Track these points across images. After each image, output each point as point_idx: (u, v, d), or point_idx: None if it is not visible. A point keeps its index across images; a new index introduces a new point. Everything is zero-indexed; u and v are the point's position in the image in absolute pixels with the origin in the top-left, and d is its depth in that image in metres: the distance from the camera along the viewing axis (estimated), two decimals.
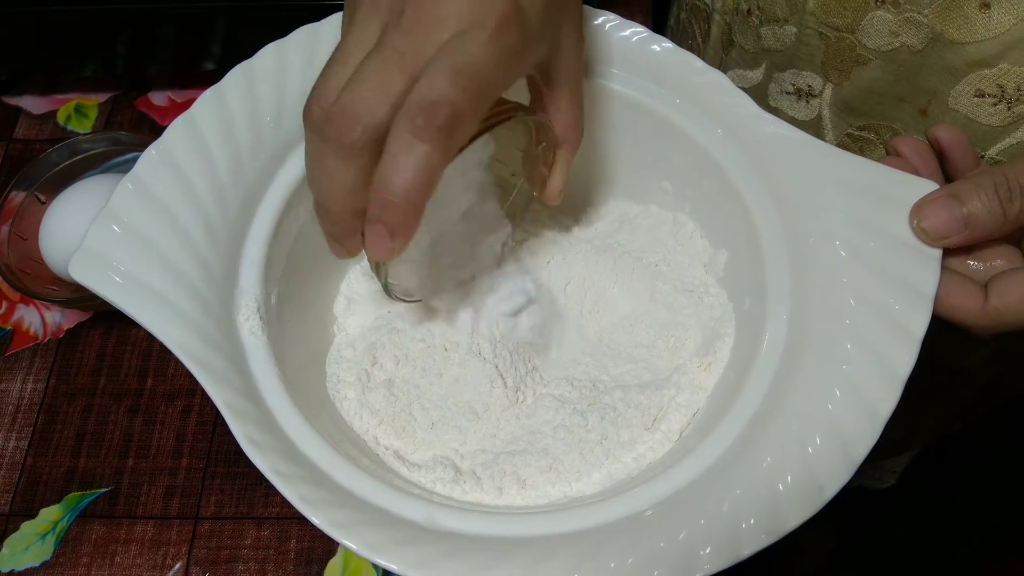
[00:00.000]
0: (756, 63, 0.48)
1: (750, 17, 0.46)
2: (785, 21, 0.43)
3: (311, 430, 0.31)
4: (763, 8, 0.45)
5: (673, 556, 0.27)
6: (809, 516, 0.27)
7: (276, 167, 0.36)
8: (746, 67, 0.49)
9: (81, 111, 0.57)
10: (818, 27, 0.42)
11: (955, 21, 0.37)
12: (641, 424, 0.35)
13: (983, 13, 0.36)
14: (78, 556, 0.41)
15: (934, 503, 0.99)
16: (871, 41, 0.40)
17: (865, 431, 0.28)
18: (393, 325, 0.38)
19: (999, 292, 0.30)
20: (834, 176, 0.33)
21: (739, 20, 0.48)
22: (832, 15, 0.40)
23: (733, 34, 0.49)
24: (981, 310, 0.30)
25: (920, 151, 0.35)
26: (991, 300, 0.30)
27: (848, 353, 0.30)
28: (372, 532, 0.28)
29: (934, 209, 0.31)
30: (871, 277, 0.31)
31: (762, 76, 0.48)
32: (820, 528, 0.91)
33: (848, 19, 0.40)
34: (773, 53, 0.46)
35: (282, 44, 0.36)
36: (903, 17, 0.38)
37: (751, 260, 0.35)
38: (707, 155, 0.36)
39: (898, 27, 0.38)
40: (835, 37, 0.41)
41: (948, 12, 0.36)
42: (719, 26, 0.50)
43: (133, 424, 0.45)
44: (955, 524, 0.99)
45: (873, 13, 0.39)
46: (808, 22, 0.42)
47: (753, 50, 0.47)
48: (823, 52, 0.43)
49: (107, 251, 0.32)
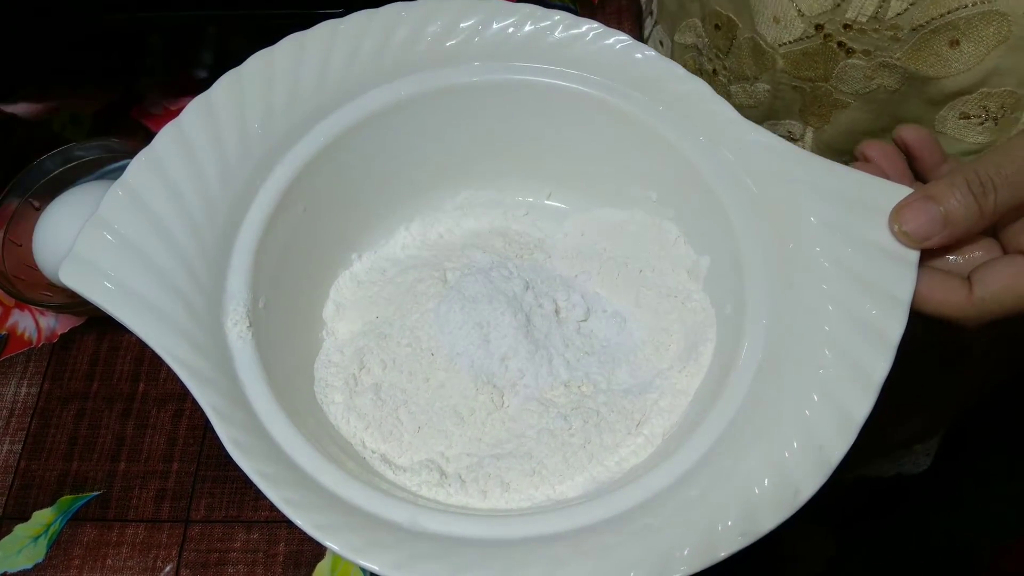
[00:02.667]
0: None
1: (716, 77, 0.46)
2: (756, 79, 0.43)
3: (297, 434, 0.31)
4: (730, 68, 0.44)
5: (650, 558, 0.27)
6: (784, 519, 0.27)
7: (264, 173, 0.36)
8: None
9: (76, 119, 0.57)
10: (791, 82, 0.41)
11: (927, 59, 0.37)
12: (624, 428, 0.35)
13: (954, 49, 0.36)
14: (70, 558, 0.42)
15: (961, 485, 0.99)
16: (847, 87, 0.40)
17: (841, 435, 0.29)
18: (381, 330, 0.39)
19: (982, 282, 0.31)
20: (813, 182, 0.34)
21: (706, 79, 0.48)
22: (803, 70, 0.40)
23: None
24: (967, 302, 0.31)
25: (888, 153, 0.36)
26: (976, 291, 0.30)
27: (826, 358, 0.30)
28: (355, 534, 0.28)
29: (912, 212, 0.31)
30: (849, 283, 0.32)
31: None
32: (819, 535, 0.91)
33: (820, 71, 0.40)
34: (746, 109, 0.45)
35: (270, 52, 0.37)
36: (876, 63, 0.38)
37: (732, 266, 0.35)
38: (689, 162, 0.37)
39: (872, 71, 0.38)
40: (810, 88, 0.41)
41: (918, 53, 0.36)
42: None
43: (125, 428, 0.46)
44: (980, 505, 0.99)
45: (845, 62, 0.39)
46: (781, 79, 0.42)
47: None
48: (800, 102, 0.42)
49: (96, 257, 0.32)
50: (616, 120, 0.38)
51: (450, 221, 0.44)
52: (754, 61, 0.42)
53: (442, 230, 0.43)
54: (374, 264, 0.42)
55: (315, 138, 0.37)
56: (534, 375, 0.37)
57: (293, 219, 0.37)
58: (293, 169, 0.37)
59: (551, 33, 0.39)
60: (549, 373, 0.37)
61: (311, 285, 0.40)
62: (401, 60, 0.39)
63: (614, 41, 0.38)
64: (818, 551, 0.97)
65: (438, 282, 0.39)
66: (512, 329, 0.37)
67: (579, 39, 0.38)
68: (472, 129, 0.41)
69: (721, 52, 0.44)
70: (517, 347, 0.37)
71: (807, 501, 0.28)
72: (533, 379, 0.37)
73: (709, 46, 0.45)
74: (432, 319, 0.38)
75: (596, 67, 0.38)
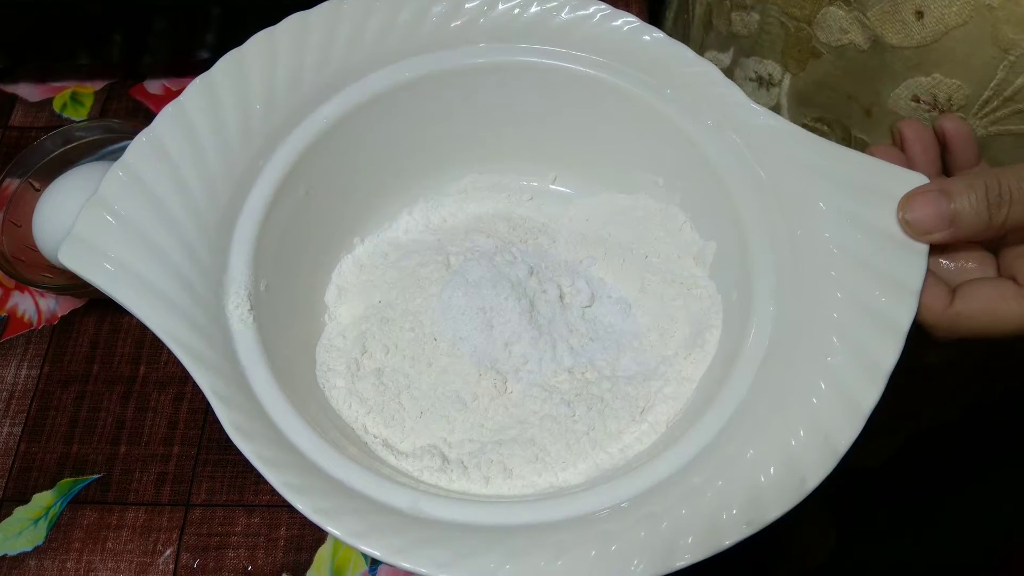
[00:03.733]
0: (726, 47, 0.49)
1: (724, 2, 0.47)
2: (751, 8, 0.45)
3: (298, 418, 0.31)
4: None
5: (654, 545, 0.27)
6: (790, 507, 0.27)
7: (266, 155, 0.36)
8: (719, 50, 0.50)
9: (77, 99, 0.57)
10: (779, 16, 0.42)
11: (894, 26, 0.37)
12: (628, 415, 0.35)
13: (918, 20, 0.36)
14: (70, 541, 0.42)
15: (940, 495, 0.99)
16: (824, 35, 0.41)
17: (848, 424, 0.28)
18: (384, 315, 0.38)
19: (964, 297, 0.30)
20: (823, 168, 0.33)
21: (716, 3, 0.49)
22: (792, 5, 0.41)
23: (712, 16, 0.50)
24: (943, 312, 0.30)
25: (923, 137, 0.35)
26: (955, 304, 0.30)
27: (833, 346, 0.30)
28: (356, 519, 0.28)
29: (921, 203, 0.31)
30: (858, 270, 0.31)
31: (730, 61, 0.49)
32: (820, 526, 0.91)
33: (806, 11, 0.41)
34: (740, 39, 0.47)
35: (272, 32, 0.36)
36: (852, 15, 0.38)
37: (739, 252, 0.35)
38: (696, 146, 0.36)
39: (847, 24, 0.39)
40: (794, 27, 0.42)
41: (887, 16, 0.37)
42: (703, 7, 0.51)
43: (125, 411, 0.45)
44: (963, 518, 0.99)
45: (827, 8, 0.39)
46: (771, 11, 0.43)
47: (725, 34, 0.48)
48: (783, 41, 0.43)
49: (96, 238, 0.32)
50: (623, 103, 0.38)
51: (453, 205, 0.43)
52: None
53: (445, 214, 0.43)
54: (376, 248, 0.42)
55: (318, 120, 0.37)
56: (537, 361, 0.37)
57: (295, 202, 0.37)
58: (295, 151, 0.36)
59: (557, 14, 0.38)
60: (553, 359, 0.37)
61: (313, 268, 0.40)
62: (405, 41, 0.38)
63: (622, 23, 0.37)
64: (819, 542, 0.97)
65: (441, 267, 0.39)
66: (515, 314, 0.37)
67: (586, 20, 0.38)
68: (476, 112, 0.40)
69: None
70: (520, 332, 0.36)
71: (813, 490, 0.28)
72: (537, 365, 0.37)
73: None
74: (435, 304, 0.38)
75: (603, 49, 0.37)
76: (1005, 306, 0.30)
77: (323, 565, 0.41)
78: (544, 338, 0.37)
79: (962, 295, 0.30)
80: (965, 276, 0.32)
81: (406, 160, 0.41)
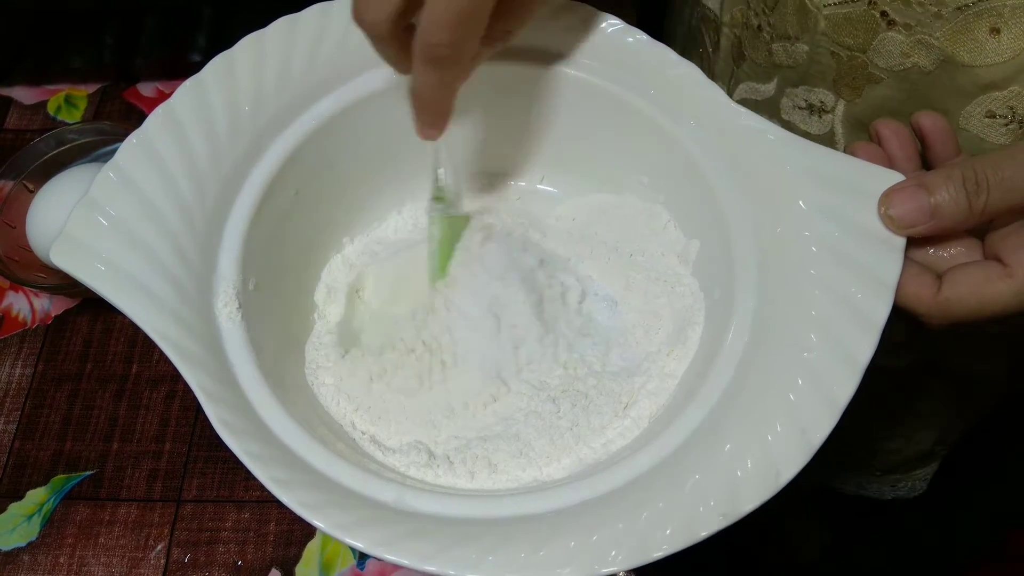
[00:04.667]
0: (768, 77, 0.48)
1: (760, 33, 0.46)
2: (797, 39, 0.43)
3: (285, 414, 0.31)
4: (774, 25, 0.44)
5: (633, 536, 0.27)
6: (765, 500, 0.28)
7: (255, 155, 0.36)
8: (758, 80, 0.49)
9: (71, 102, 0.57)
10: (830, 46, 0.41)
11: (965, 44, 0.36)
12: (612, 411, 0.35)
13: (993, 38, 0.35)
14: (63, 537, 0.42)
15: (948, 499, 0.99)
16: (882, 61, 0.39)
17: (824, 418, 0.29)
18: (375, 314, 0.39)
19: (951, 283, 0.30)
20: (803, 167, 0.34)
21: (749, 35, 0.47)
22: (843, 35, 0.40)
23: (744, 48, 0.48)
24: (933, 300, 0.30)
25: (901, 135, 0.35)
26: (943, 290, 0.30)
27: (811, 342, 0.30)
28: (341, 512, 0.28)
29: (902, 198, 0.31)
30: (836, 267, 0.32)
31: (774, 90, 0.48)
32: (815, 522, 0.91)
33: (860, 39, 0.40)
34: (784, 69, 0.45)
35: (261, 35, 0.37)
36: (914, 39, 0.37)
37: (721, 250, 0.35)
38: (680, 146, 0.37)
39: (909, 48, 0.38)
40: (847, 56, 0.41)
41: (958, 35, 0.36)
42: (728, 39, 0.50)
43: (118, 409, 0.46)
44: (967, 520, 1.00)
45: (884, 34, 0.38)
46: (820, 41, 0.41)
47: (765, 64, 0.47)
48: (835, 70, 0.42)
49: (87, 238, 0.33)
50: (608, 104, 0.38)
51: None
52: (797, 20, 0.42)
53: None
54: (366, 247, 0.42)
55: (307, 121, 0.37)
56: (539, 361, 0.37)
57: (284, 202, 0.37)
58: (284, 152, 0.37)
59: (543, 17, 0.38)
60: (553, 357, 0.37)
61: (303, 268, 0.40)
62: None
63: (606, 25, 0.38)
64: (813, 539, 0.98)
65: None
66: (527, 309, 0.37)
67: (571, 23, 0.38)
68: (464, 114, 0.41)
69: (768, 7, 0.44)
70: (528, 330, 0.37)
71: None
72: (539, 365, 0.37)
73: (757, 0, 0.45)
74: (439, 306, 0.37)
75: (587, 51, 0.38)
76: (992, 287, 0.30)
77: (312, 559, 0.41)
78: (549, 336, 0.37)
79: (949, 280, 0.31)
80: (953, 262, 0.32)
81: (395, 160, 0.42)
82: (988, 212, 0.30)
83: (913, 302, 0.31)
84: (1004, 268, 0.30)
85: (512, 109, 0.41)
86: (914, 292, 0.31)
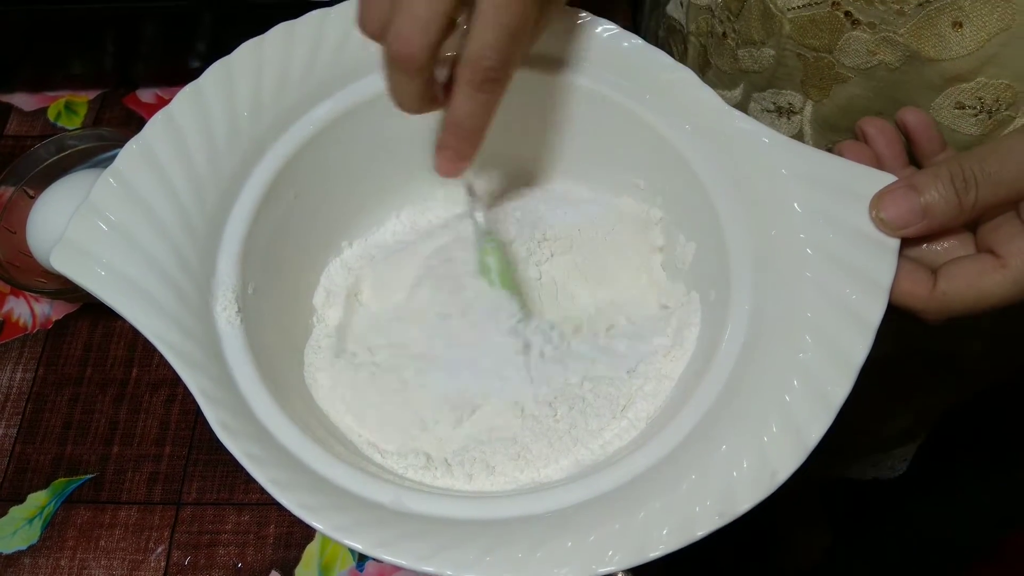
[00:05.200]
0: (734, 83, 0.48)
1: (726, 40, 0.46)
2: (762, 44, 0.43)
3: (284, 416, 0.32)
4: (739, 32, 0.45)
5: (629, 536, 0.28)
6: (761, 499, 0.28)
7: (254, 161, 0.37)
8: (724, 87, 0.49)
9: (71, 108, 0.58)
10: (796, 49, 0.42)
11: (930, 40, 0.37)
12: (609, 413, 0.36)
13: (956, 31, 0.36)
14: (64, 540, 0.42)
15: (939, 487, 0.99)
16: (849, 60, 0.40)
17: (819, 418, 0.29)
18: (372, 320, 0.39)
19: (947, 277, 0.31)
20: (797, 170, 0.34)
21: (714, 42, 0.48)
22: (809, 37, 0.41)
23: (710, 55, 0.49)
24: (929, 295, 0.31)
25: (886, 133, 0.36)
26: (939, 285, 0.31)
27: (806, 343, 0.31)
28: (340, 514, 0.29)
29: (893, 200, 0.31)
30: (831, 269, 0.32)
31: (741, 96, 0.48)
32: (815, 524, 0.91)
33: (825, 40, 0.40)
34: (751, 74, 0.46)
35: (260, 41, 0.37)
36: (879, 37, 0.38)
37: (717, 252, 0.35)
38: (675, 150, 0.37)
39: (875, 46, 0.38)
40: (813, 57, 0.41)
41: (922, 31, 0.37)
42: (695, 47, 0.50)
43: (118, 413, 0.46)
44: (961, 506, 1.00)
45: (849, 34, 0.39)
46: (786, 44, 0.42)
47: (730, 71, 0.47)
48: (802, 72, 0.43)
49: (87, 243, 0.33)
50: (603, 108, 0.39)
51: (440, 209, 0.44)
52: (762, 25, 0.42)
53: (432, 217, 0.44)
54: (364, 251, 0.43)
55: (305, 125, 0.38)
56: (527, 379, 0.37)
57: (283, 206, 0.38)
58: (283, 156, 0.37)
59: None
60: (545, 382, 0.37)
61: (301, 272, 0.40)
62: None
63: (601, 30, 0.38)
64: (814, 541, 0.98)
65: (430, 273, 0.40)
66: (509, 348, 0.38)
67: (566, 28, 0.38)
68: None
69: (732, 14, 0.45)
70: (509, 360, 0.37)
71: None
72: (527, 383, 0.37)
73: (722, 7, 0.46)
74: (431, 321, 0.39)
75: (583, 56, 0.38)
76: (988, 278, 0.30)
77: (312, 561, 0.41)
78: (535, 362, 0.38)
79: (945, 275, 0.31)
80: (947, 256, 0.32)
81: (393, 164, 0.42)
82: (978, 208, 0.30)
83: (909, 299, 0.31)
84: (997, 259, 0.30)
85: (508, 114, 0.41)
86: (909, 289, 0.31)
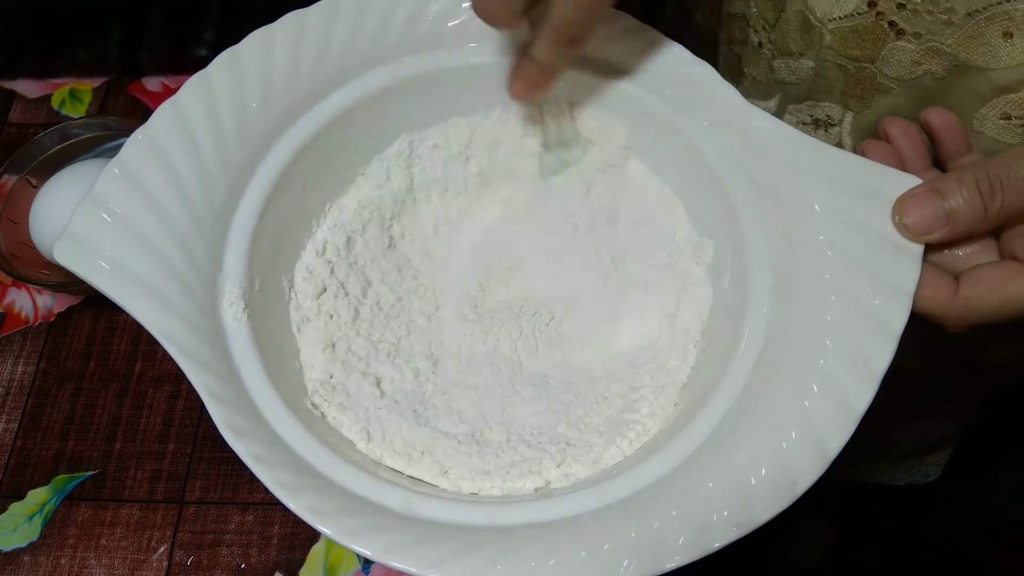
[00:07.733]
0: (770, 94, 0.47)
1: (761, 50, 0.45)
2: (800, 55, 0.42)
3: (291, 416, 0.31)
4: (775, 42, 0.43)
5: (644, 546, 0.27)
6: (780, 510, 0.27)
7: (262, 153, 0.36)
8: (759, 97, 0.48)
9: (75, 96, 0.57)
10: (836, 60, 0.41)
11: (978, 49, 0.36)
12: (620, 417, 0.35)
13: (1007, 42, 0.35)
14: (64, 537, 0.42)
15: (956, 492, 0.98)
16: (892, 71, 0.39)
17: (840, 427, 0.28)
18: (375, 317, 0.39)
19: (969, 282, 0.30)
20: (818, 170, 0.33)
21: (749, 52, 0.46)
22: (851, 48, 0.39)
23: (743, 65, 0.48)
24: (952, 301, 0.30)
25: (909, 134, 0.35)
26: (961, 290, 0.30)
27: (827, 348, 0.30)
28: (347, 518, 0.28)
29: (916, 204, 0.31)
30: (852, 273, 0.31)
31: (776, 107, 0.47)
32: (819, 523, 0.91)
33: (868, 50, 0.39)
34: (787, 85, 0.45)
35: (269, 30, 0.36)
36: (925, 47, 0.37)
37: (734, 252, 0.35)
38: (694, 147, 0.36)
39: (920, 56, 0.37)
40: (855, 68, 0.40)
41: (971, 41, 0.36)
42: (726, 56, 0.49)
43: (121, 408, 0.45)
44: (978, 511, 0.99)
45: (893, 44, 0.38)
46: (826, 55, 0.41)
47: (766, 81, 0.46)
48: (843, 83, 0.42)
49: (91, 235, 0.32)
50: (620, 102, 0.38)
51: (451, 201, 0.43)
52: (800, 36, 0.41)
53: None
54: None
55: (315, 117, 0.37)
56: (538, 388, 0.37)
57: (292, 198, 0.37)
58: (291, 149, 0.36)
59: None
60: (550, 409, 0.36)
61: None
62: (402, 40, 0.38)
63: (618, 23, 0.37)
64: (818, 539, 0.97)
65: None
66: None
67: None
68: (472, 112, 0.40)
69: (768, 24, 0.43)
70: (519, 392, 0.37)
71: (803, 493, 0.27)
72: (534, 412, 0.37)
73: (757, 16, 0.44)
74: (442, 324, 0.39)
75: (599, 49, 0.37)
76: (1013, 284, 0.29)
77: (316, 563, 0.41)
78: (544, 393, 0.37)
79: (967, 280, 0.30)
80: (970, 262, 0.31)
81: None
82: (1004, 214, 0.30)
83: (930, 304, 0.30)
84: (1021, 266, 0.30)
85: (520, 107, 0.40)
86: (931, 295, 0.30)
